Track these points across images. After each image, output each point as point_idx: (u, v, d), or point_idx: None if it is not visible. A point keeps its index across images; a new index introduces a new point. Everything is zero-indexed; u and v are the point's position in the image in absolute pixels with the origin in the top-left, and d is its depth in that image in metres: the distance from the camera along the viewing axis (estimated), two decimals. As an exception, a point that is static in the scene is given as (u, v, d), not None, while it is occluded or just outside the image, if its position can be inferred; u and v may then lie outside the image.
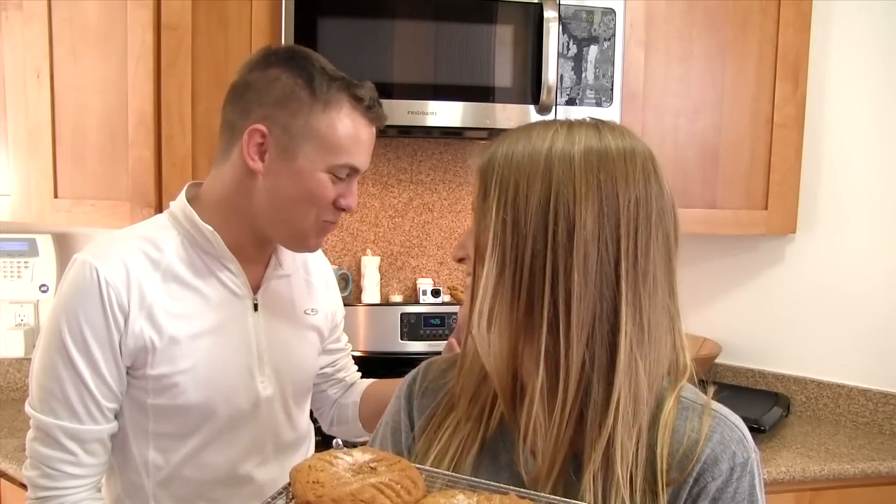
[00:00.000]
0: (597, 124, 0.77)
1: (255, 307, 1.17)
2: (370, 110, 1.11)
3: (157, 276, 1.08)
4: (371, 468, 0.69)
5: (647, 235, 0.74)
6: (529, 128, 0.78)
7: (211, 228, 1.10)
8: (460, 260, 0.83)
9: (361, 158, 1.12)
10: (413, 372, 0.93)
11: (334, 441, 0.75)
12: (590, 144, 0.74)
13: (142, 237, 1.11)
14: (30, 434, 1.08)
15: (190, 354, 1.08)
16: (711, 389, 0.80)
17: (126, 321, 1.05)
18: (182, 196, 1.15)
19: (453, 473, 0.77)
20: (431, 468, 0.78)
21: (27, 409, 1.08)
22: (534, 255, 0.72)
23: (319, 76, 1.08)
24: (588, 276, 0.72)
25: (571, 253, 0.71)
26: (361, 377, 1.44)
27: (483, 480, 0.73)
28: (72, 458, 1.05)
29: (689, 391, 0.79)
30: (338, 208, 1.12)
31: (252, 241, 1.14)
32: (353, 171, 1.12)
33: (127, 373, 1.08)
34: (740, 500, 0.74)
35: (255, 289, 1.17)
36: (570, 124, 0.77)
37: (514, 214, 0.73)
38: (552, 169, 0.73)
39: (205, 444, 1.12)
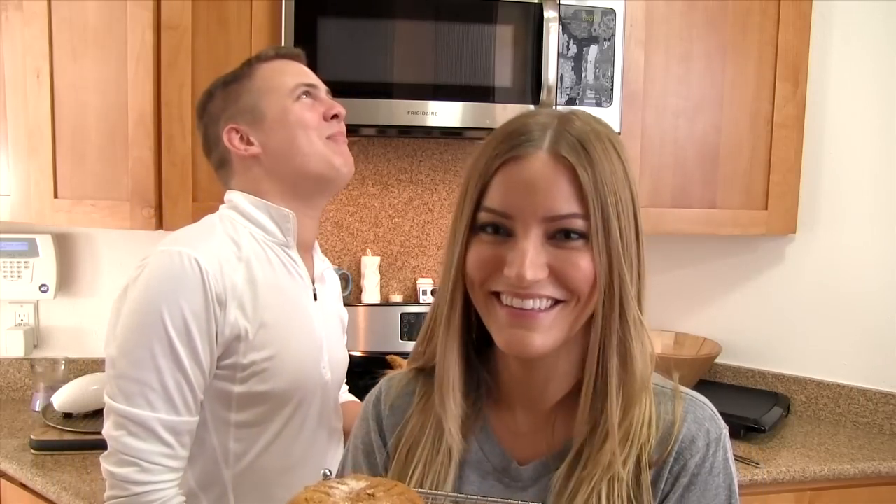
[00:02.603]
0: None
1: (315, 296, 1.25)
2: (279, 54, 1.26)
3: (241, 267, 1.13)
4: (369, 495, 0.68)
5: None
6: (598, 138, 0.75)
7: (289, 211, 1.20)
8: (537, 281, 0.73)
9: (305, 76, 1.24)
10: (375, 391, 0.92)
11: (322, 472, 0.75)
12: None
13: (222, 231, 1.16)
14: (114, 430, 1.06)
15: (274, 341, 1.13)
16: (677, 375, 0.83)
17: (224, 311, 1.08)
18: (237, 195, 1.21)
19: (453, 494, 0.78)
20: (429, 490, 0.78)
21: (110, 403, 1.06)
22: (622, 279, 0.74)
23: (234, 70, 1.25)
24: (644, 286, 0.78)
25: (644, 268, 0.77)
26: (356, 379, 1.49)
27: (489, 497, 0.74)
28: (170, 451, 1.06)
29: (657, 378, 0.82)
30: (331, 119, 1.22)
31: (300, 221, 1.21)
32: (311, 87, 1.23)
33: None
34: (717, 473, 0.78)
35: (313, 278, 1.27)
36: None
37: (623, 235, 0.74)
38: (632, 182, 0.76)
39: (281, 430, 1.16)
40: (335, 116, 1.22)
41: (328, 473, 0.74)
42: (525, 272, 0.71)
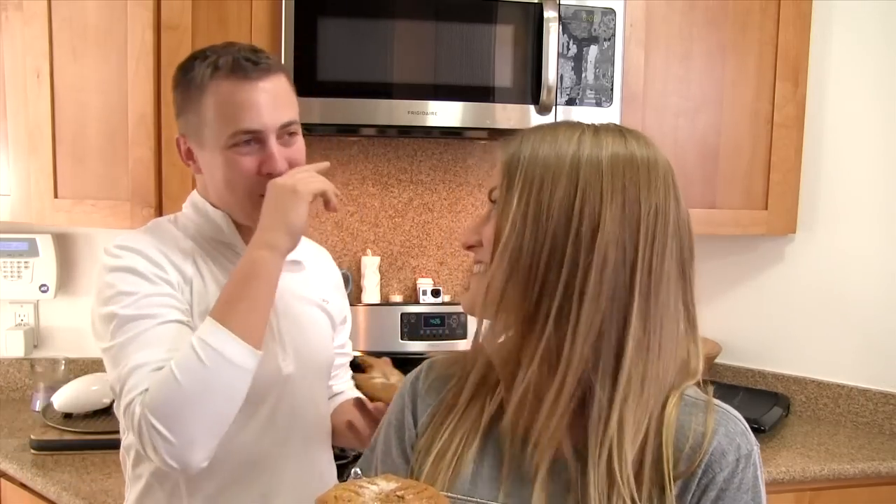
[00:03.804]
0: (622, 130, 0.80)
1: None
2: (235, 70, 1.09)
3: (188, 261, 1.14)
4: (398, 497, 0.68)
5: (663, 245, 0.76)
6: (555, 128, 0.80)
7: (221, 213, 1.17)
8: (470, 247, 0.84)
9: (248, 119, 1.08)
10: (416, 371, 0.95)
11: (353, 470, 0.75)
12: (616, 150, 0.77)
13: (158, 231, 1.18)
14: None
15: None
16: (711, 388, 0.83)
17: (170, 285, 1.09)
18: (194, 192, 1.22)
19: (481, 500, 0.79)
20: (458, 495, 0.79)
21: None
22: (552, 249, 0.75)
23: (199, 65, 1.11)
24: (604, 277, 0.74)
25: (592, 252, 0.74)
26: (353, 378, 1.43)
27: None
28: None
29: (691, 389, 0.82)
30: (264, 176, 1.10)
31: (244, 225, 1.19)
32: (253, 133, 1.09)
33: None
34: (745, 490, 0.77)
35: None
36: (595, 128, 0.80)
37: (536, 207, 0.75)
38: (579, 168, 0.76)
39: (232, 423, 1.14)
40: (270, 174, 1.10)
41: (358, 473, 0.74)
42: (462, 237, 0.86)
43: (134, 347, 1.03)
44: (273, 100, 1.10)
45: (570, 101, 1.80)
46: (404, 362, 2.16)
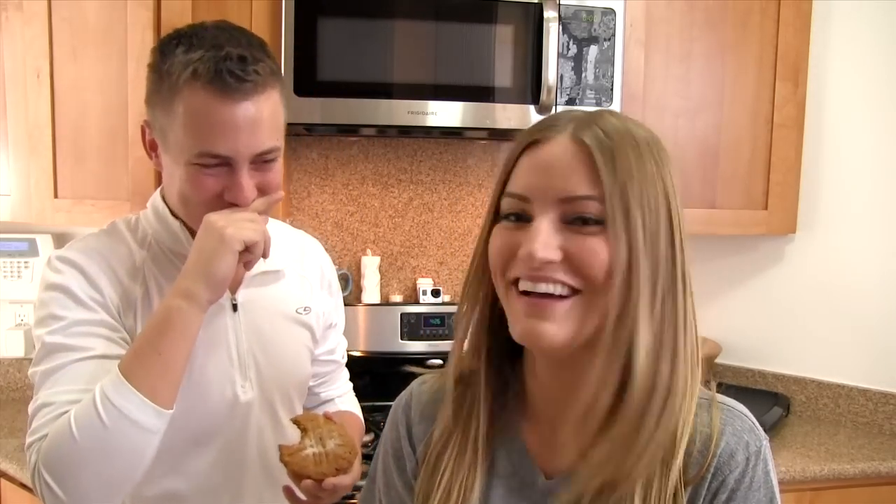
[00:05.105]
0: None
1: (235, 307, 1.11)
2: (215, 83, 0.94)
3: (138, 275, 1.06)
4: None
5: (681, 238, 0.76)
6: (625, 120, 0.76)
7: (179, 224, 1.07)
8: (549, 262, 0.70)
9: (220, 143, 0.96)
10: (405, 396, 0.89)
11: None
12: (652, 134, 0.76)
13: (113, 238, 1.09)
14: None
15: None
16: (714, 384, 0.80)
17: (106, 310, 1.02)
18: (157, 193, 1.12)
19: None
20: None
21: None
22: (656, 274, 0.72)
23: (179, 57, 0.97)
24: (687, 292, 0.74)
25: (686, 273, 0.74)
26: (356, 379, 1.39)
27: None
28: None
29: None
30: (227, 202, 1.01)
31: None
32: (218, 158, 0.97)
33: None
34: (756, 488, 0.74)
35: (235, 287, 1.12)
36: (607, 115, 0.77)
37: (652, 235, 0.71)
38: (661, 161, 0.74)
39: (182, 451, 1.08)
40: (232, 203, 1.01)
41: None
42: (536, 249, 0.69)
43: (49, 382, 0.97)
44: (253, 126, 0.96)
45: (570, 101, 1.80)
46: (404, 362, 2.17)
